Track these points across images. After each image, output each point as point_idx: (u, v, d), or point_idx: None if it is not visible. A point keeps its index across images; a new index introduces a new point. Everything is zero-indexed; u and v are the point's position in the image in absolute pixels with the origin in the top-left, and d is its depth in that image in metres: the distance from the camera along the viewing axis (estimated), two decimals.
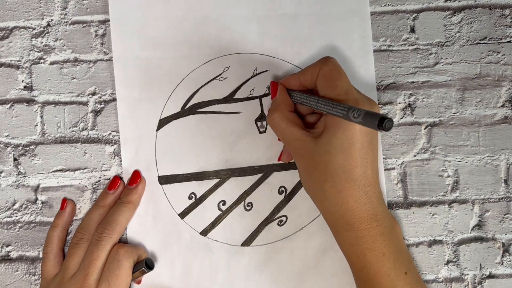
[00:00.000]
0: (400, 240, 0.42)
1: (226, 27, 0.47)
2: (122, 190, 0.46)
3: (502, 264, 0.46)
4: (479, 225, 0.47)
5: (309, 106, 0.41)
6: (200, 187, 0.47)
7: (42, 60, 0.48)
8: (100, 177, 0.47)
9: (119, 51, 0.47)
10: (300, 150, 0.40)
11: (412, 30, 0.47)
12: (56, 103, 0.47)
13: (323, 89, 0.40)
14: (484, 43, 0.47)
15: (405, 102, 0.47)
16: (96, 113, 0.47)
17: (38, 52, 0.48)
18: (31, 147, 0.47)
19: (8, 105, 0.48)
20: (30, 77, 0.47)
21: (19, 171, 0.47)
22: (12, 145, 0.47)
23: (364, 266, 0.40)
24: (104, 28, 0.47)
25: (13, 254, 0.47)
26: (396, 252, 0.40)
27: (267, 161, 0.47)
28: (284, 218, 0.46)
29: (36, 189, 0.47)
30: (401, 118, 0.47)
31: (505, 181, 0.47)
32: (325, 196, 0.40)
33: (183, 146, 0.47)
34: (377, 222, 0.40)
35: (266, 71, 0.47)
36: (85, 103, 0.47)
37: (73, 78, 0.47)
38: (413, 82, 0.47)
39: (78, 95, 0.47)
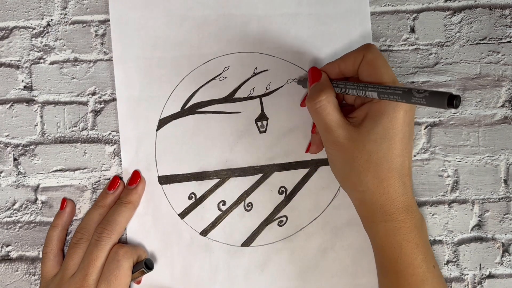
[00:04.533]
0: (427, 235, 0.42)
1: (226, 27, 0.47)
2: (122, 190, 0.46)
3: (501, 264, 0.46)
4: (479, 225, 0.47)
5: (357, 94, 0.40)
6: (200, 187, 0.47)
7: (42, 60, 0.47)
8: (100, 177, 0.47)
9: (119, 51, 0.47)
10: (342, 138, 0.40)
11: (412, 30, 0.47)
12: (56, 103, 0.47)
13: (368, 76, 0.40)
14: (484, 43, 0.47)
15: None
16: (96, 113, 0.47)
17: (38, 52, 0.47)
18: (31, 147, 0.47)
19: (8, 105, 0.47)
20: (30, 77, 0.47)
21: (19, 171, 0.47)
22: (12, 145, 0.47)
23: (399, 257, 0.40)
24: (104, 28, 0.47)
25: (13, 254, 0.47)
26: (427, 245, 0.41)
27: (267, 161, 0.47)
28: (284, 219, 0.46)
29: (36, 189, 0.47)
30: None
31: (505, 181, 0.47)
32: (366, 186, 0.40)
33: (183, 146, 0.47)
34: (412, 214, 0.40)
35: (266, 70, 0.47)
36: (85, 103, 0.47)
37: (73, 78, 0.47)
38: (413, 82, 0.47)
39: (78, 95, 0.47)
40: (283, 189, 0.47)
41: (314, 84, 0.42)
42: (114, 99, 0.47)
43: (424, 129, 0.47)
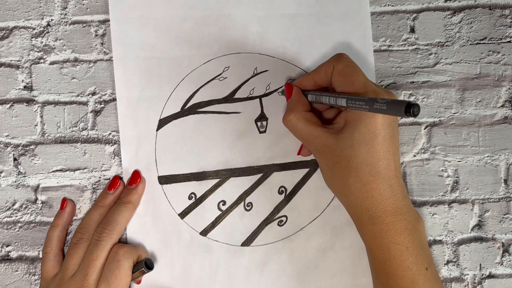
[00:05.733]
0: (423, 236, 0.42)
1: (226, 27, 0.47)
2: (122, 190, 0.46)
3: (501, 264, 0.46)
4: (479, 225, 0.47)
5: (329, 104, 0.41)
6: (200, 187, 0.47)
7: (42, 60, 0.47)
8: (100, 177, 0.47)
9: (119, 51, 0.47)
10: (321, 147, 0.41)
11: (412, 30, 0.47)
12: (56, 103, 0.47)
13: (340, 85, 0.40)
14: (484, 43, 0.47)
15: None
16: (96, 113, 0.47)
17: (38, 52, 0.48)
18: (31, 147, 0.47)
19: (8, 105, 0.48)
20: (30, 77, 0.47)
21: (19, 171, 0.47)
22: (12, 145, 0.47)
23: (388, 259, 0.40)
24: (104, 28, 0.47)
25: (13, 254, 0.47)
26: (419, 247, 0.40)
27: (267, 161, 0.47)
28: (284, 218, 0.46)
29: (36, 189, 0.47)
30: (401, 118, 0.47)
31: (505, 181, 0.47)
32: (349, 191, 0.40)
33: (183, 146, 0.47)
34: (401, 216, 0.40)
35: (266, 71, 0.47)
36: (85, 103, 0.47)
37: (73, 78, 0.47)
38: (413, 82, 0.47)
39: (78, 95, 0.47)
40: (283, 189, 0.47)
41: (288, 101, 0.44)
42: (114, 99, 0.47)
43: (424, 129, 0.47)
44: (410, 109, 0.32)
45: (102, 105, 0.47)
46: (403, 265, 0.39)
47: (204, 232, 0.46)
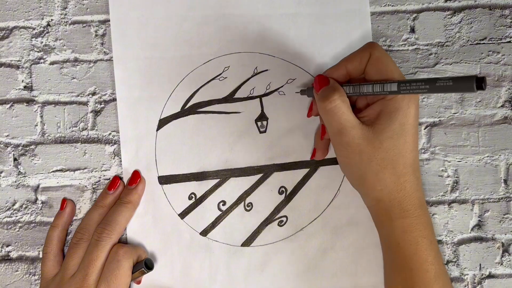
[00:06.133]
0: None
1: (226, 27, 0.47)
2: (122, 190, 0.46)
3: (501, 264, 0.46)
4: (479, 225, 0.47)
5: (373, 94, 0.39)
6: (200, 187, 0.47)
7: (42, 60, 0.47)
8: (100, 177, 0.47)
9: (119, 51, 0.47)
10: (357, 139, 0.39)
11: (412, 30, 0.47)
12: (56, 103, 0.47)
13: (376, 74, 0.40)
14: (484, 43, 0.47)
15: None
16: (96, 113, 0.47)
17: (38, 52, 0.47)
18: (31, 147, 0.47)
19: (8, 105, 0.47)
20: (30, 77, 0.47)
21: (19, 171, 0.47)
22: (12, 145, 0.47)
23: (414, 253, 0.40)
24: (104, 28, 0.47)
25: (13, 254, 0.47)
26: (436, 242, 0.41)
27: (267, 161, 0.47)
28: (284, 219, 0.46)
29: (36, 189, 0.47)
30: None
31: (505, 181, 0.47)
32: (384, 184, 0.39)
33: (183, 146, 0.47)
34: (425, 210, 0.40)
35: (266, 70, 0.47)
36: (85, 103, 0.47)
37: (73, 78, 0.47)
38: None
39: (78, 95, 0.47)
40: (283, 189, 0.47)
41: (324, 88, 0.41)
42: (114, 99, 0.47)
43: (424, 129, 0.47)
44: (482, 82, 0.31)
45: (102, 105, 0.47)
46: (428, 259, 0.40)
47: (204, 232, 0.46)
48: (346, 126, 0.39)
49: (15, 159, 0.47)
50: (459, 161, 0.47)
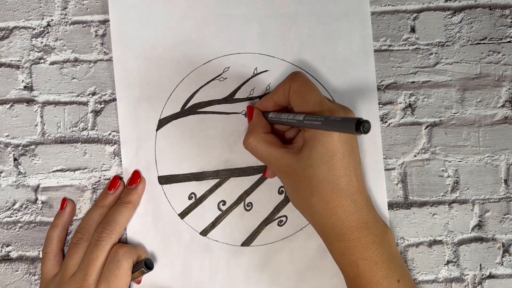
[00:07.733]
0: (392, 247, 0.42)
1: (226, 27, 0.47)
2: (122, 190, 0.46)
3: (502, 264, 0.46)
4: (479, 225, 0.47)
5: (287, 124, 0.41)
6: (200, 187, 0.47)
7: (42, 60, 0.48)
8: (100, 177, 0.47)
9: (119, 51, 0.47)
10: (283, 168, 0.40)
11: (413, 30, 0.47)
12: (56, 103, 0.47)
13: (297, 105, 0.41)
14: (484, 43, 0.47)
15: (405, 102, 0.47)
16: (96, 113, 0.47)
17: (38, 52, 0.48)
18: (31, 147, 0.47)
19: (8, 105, 0.48)
20: (30, 77, 0.48)
21: (19, 171, 0.47)
22: (12, 145, 0.47)
23: (357, 275, 0.40)
24: (104, 28, 0.47)
25: (13, 254, 0.47)
26: (389, 260, 0.40)
27: None
28: (284, 218, 0.46)
29: (36, 189, 0.47)
30: (402, 118, 0.47)
31: (505, 181, 0.47)
32: (313, 210, 0.40)
33: (183, 146, 0.47)
34: (368, 230, 0.40)
35: (266, 71, 0.47)
36: (85, 103, 0.47)
37: (73, 78, 0.47)
38: (413, 82, 0.47)
39: (78, 95, 0.47)
40: (283, 189, 0.47)
41: (249, 123, 0.44)
42: (114, 99, 0.47)
43: (425, 129, 0.47)
44: (361, 126, 0.32)
45: (102, 105, 0.47)
46: (373, 280, 0.39)
47: (204, 232, 0.46)
48: (269, 159, 0.41)
49: (15, 159, 0.47)
50: (459, 161, 0.47)
